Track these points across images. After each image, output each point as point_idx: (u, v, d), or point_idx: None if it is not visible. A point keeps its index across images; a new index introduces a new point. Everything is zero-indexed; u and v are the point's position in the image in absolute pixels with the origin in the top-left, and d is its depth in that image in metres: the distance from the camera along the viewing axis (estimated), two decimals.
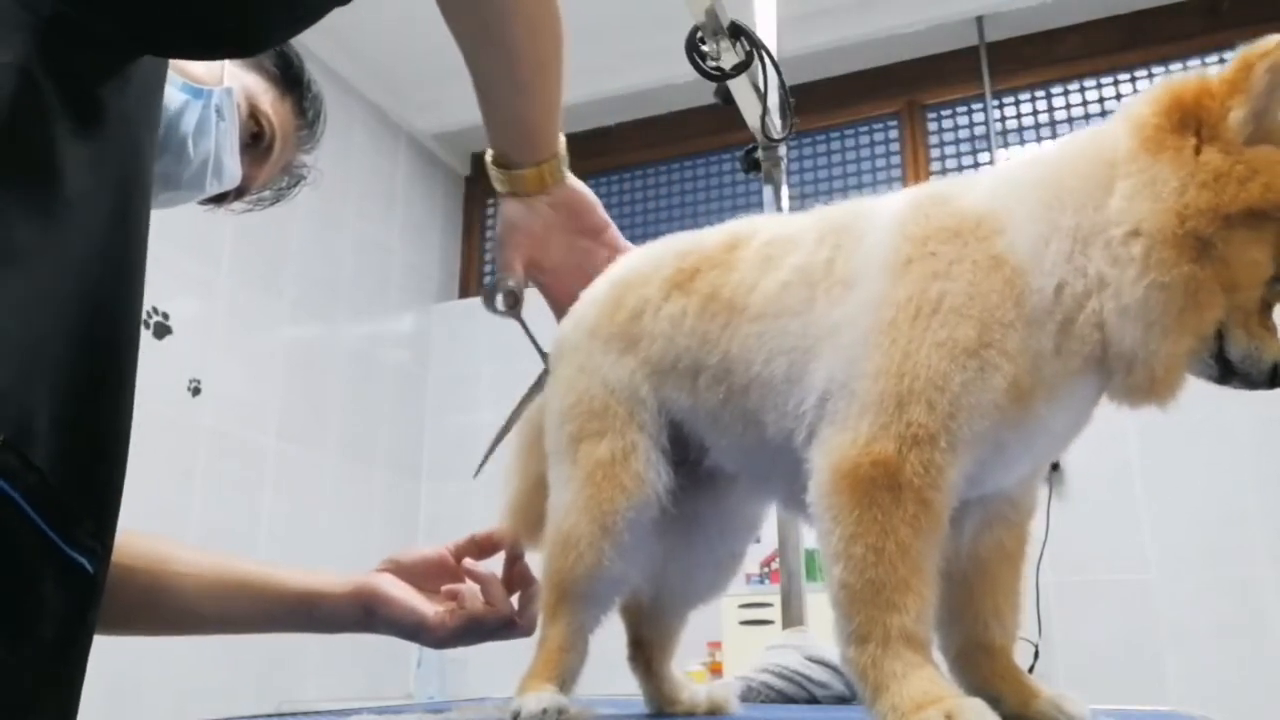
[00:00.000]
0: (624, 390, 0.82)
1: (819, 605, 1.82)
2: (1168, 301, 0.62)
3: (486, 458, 0.98)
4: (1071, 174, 0.67)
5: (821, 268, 0.72)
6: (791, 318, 0.72)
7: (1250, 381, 0.68)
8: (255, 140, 1.14)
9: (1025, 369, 0.64)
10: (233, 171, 1.13)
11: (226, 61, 1.09)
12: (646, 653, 0.92)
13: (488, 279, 0.86)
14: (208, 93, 1.06)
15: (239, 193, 1.23)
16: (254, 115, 1.13)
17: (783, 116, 1.71)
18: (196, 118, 1.06)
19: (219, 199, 1.22)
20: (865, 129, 3.63)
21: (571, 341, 0.88)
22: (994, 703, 0.64)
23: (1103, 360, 0.65)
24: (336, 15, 0.69)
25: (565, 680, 0.81)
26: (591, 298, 0.89)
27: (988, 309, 0.64)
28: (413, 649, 3.33)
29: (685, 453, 0.83)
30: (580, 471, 0.81)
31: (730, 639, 2.63)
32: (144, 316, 2.63)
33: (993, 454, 0.67)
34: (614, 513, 0.79)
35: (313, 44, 3.37)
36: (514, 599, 0.99)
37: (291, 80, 1.17)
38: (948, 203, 0.69)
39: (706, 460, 0.83)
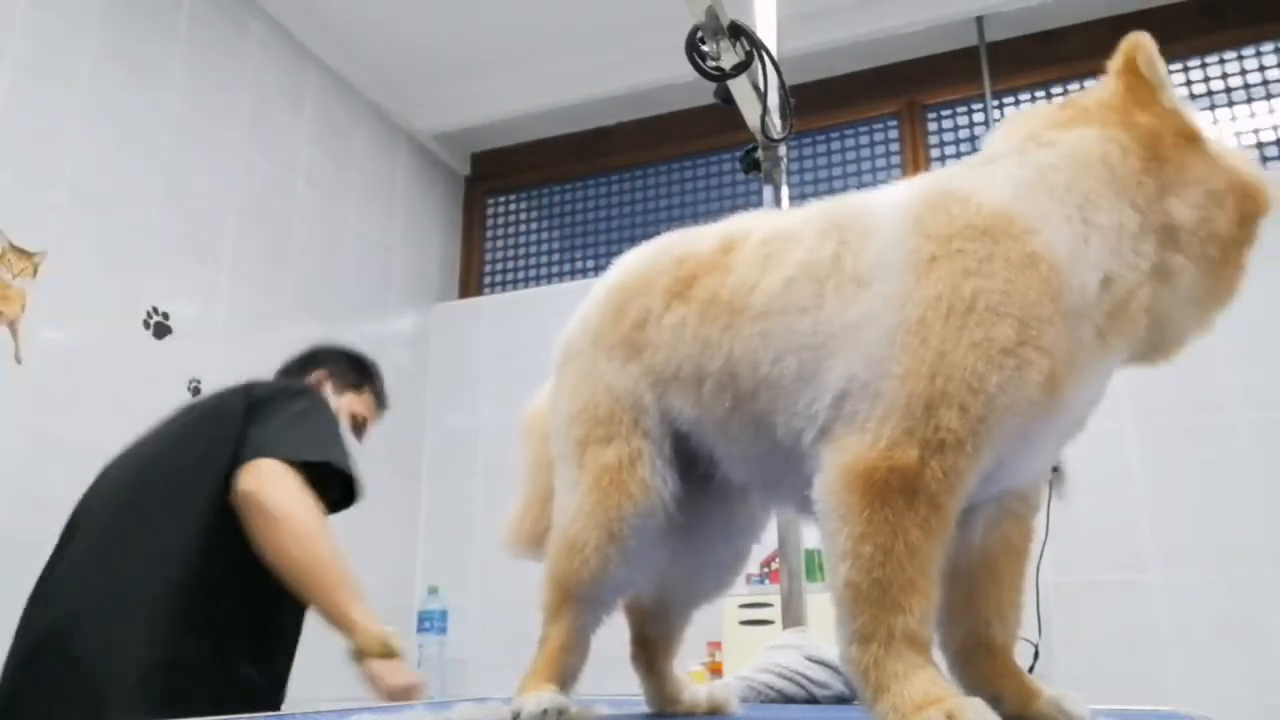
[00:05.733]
0: (628, 398, 0.82)
1: (819, 605, 1.81)
2: (1226, 293, 0.72)
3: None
4: (1100, 178, 0.69)
5: (828, 264, 0.71)
6: (798, 315, 0.71)
7: None
8: (356, 428, 1.93)
9: (1061, 361, 0.64)
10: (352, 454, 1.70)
11: (332, 394, 1.88)
12: (650, 652, 0.92)
13: None
14: None
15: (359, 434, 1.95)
16: (355, 418, 1.93)
17: (783, 116, 1.71)
18: None
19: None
20: (865, 129, 3.62)
21: (576, 347, 0.88)
22: (995, 702, 0.64)
23: (1136, 339, 0.69)
24: (337, 15, 0.69)
25: (566, 679, 0.81)
26: (594, 303, 0.89)
27: (1026, 306, 0.64)
28: (413, 649, 3.33)
29: (695, 466, 0.82)
30: (587, 476, 0.81)
31: (730, 639, 2.63)
32: (144, 316, 2.63)
33: (1021, 448, 0.68)
34: (620, 519, 0.79)
35: (313, 44, 3.37)
36: None
37: (380, 392, 2.05)
38: (968, 200, 0.68)
39: (718, 474, 0.82)
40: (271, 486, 1.46)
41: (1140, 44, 0.75)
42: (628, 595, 0.88)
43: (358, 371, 1.97)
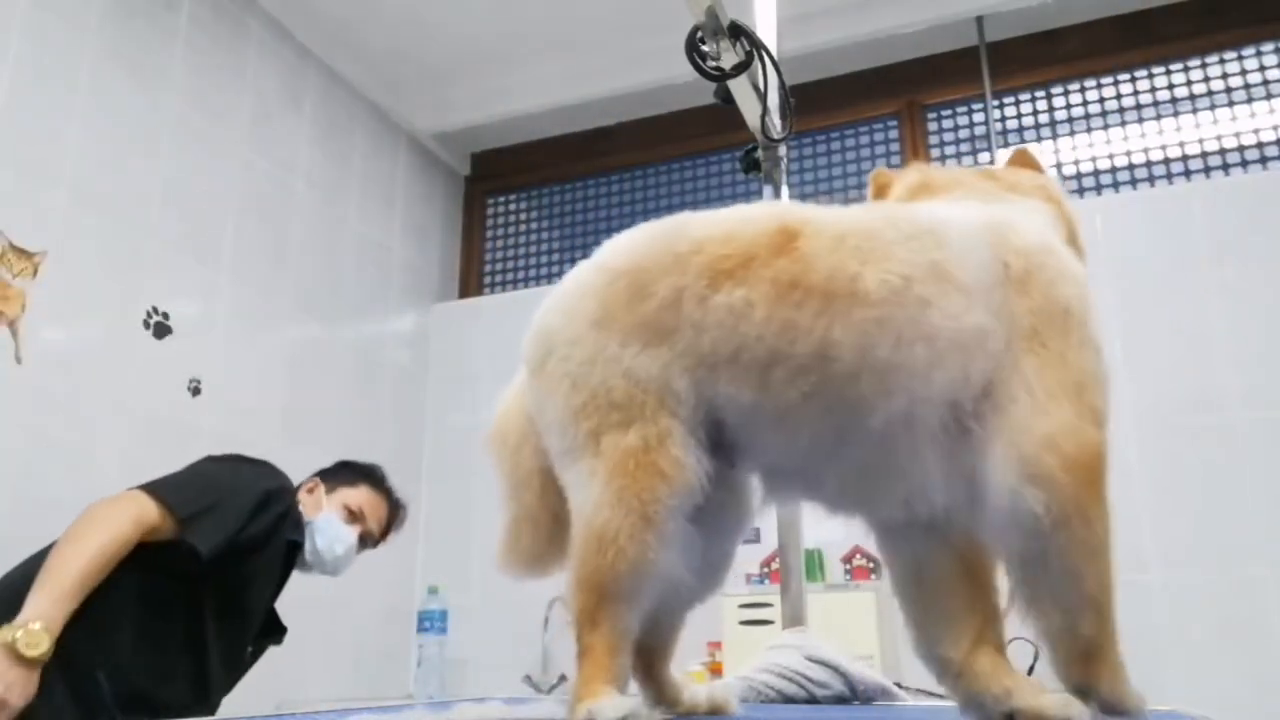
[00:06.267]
0: (653, 383, 0.77)
1: (819, 605, 1.81)
2: None
3: None
4: (1058, 233, 0.88)
5: (937, 267, 0.76)
6: (922, 307, 0.74)
7: None
8: (354, 517, 2.04)
9: None
10: (348, 541, 2.01)
11: (324, 495, 2.04)
12: (646, 659, 0.89)
13: None
14: (309, 520, 1.98)
15: (367, 541, 2.08)
16: (349, 510, 2.04)
17: (783, 116, 1.71)
18: (310, 535, 1.97)
19: (363, 547, 2.08)
20: (865, 129, 3.62)
21: (567, 335, 0.82)
22: (1007, 696, 0.72)
23: None
24: (337, 15, 0.69)
25: (621, 683, 0.75)
26: (583, 289, 0.83)
27: (1091, 309, 0.76)
28: (413, 649, 3.33)
29: (716, 457, 0.80)
30: (608, 462, 0.76)
31: (730, 639, 2.63)
32: (144, 316, 2.63)
33: None
34: (655, 501, 0.74)
35: (313, 44, 3.37)
36: None
37: (381, 488, 2.11)
38: (1021, 226, 0.80)
39: (741, 465, 0.81)
40: (103, 500, 1.64)
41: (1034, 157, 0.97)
42: (667, 590, 0.81)
43: (351, 470, 2.12)
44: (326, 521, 1.99)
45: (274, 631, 2.01)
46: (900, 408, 0.73)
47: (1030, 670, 1.10)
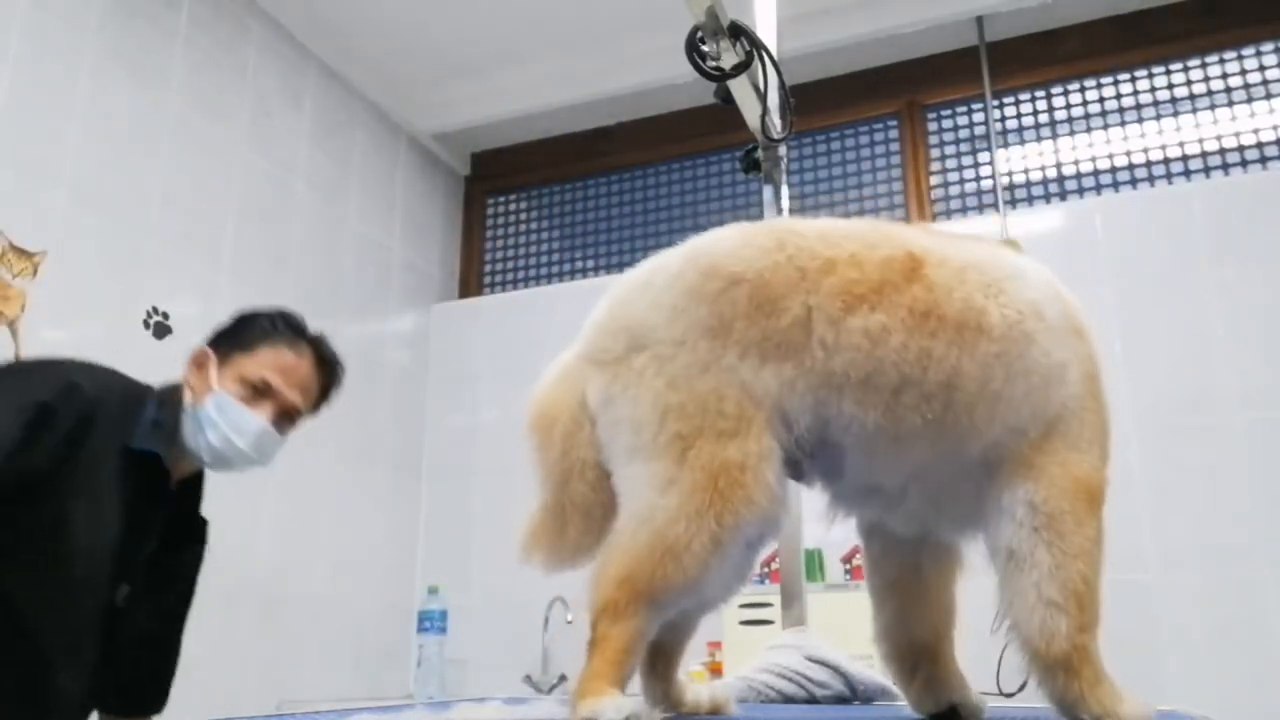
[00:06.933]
0: (768, 399, 0.76)
1: (819, 605, 1.81)
2: None
3: None
4: None
5: (1034, 306, 0.82)
6: (1028, 343, 0.80)
7: None
8: (259, 393, 1.58)
9: None
10: (253, 429, 1.55)
11: (215, 370, 1.57)
12: (663, 658, 0.90)
13: None
14: (194, 410, 1.54)
15: (293, 416, 1.65)
16: (250, 384, 1.57)
17: (783, 116, 1.71)
18: (199, 429, 1.53)
19: (290, 424, 1.65)
20: (865, 129, 3.62)
21: (667, 334, 0.79)
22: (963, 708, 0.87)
23: None
24: (337, 15, 0.69)
25: (624, 684, 0.76)
26: (686, 289, 0.80)
27: None
28: (413, 649, 3.33)
29: (798, 475, 0.83)
30: (694, 473, 0.74)
31: (730, 639, 2.63)
32: (144, 316, 2.63)
33: None
34: (735, 527, 0.74)
35: (314, 45, 3.37)
36: None
37: (296, 343, 1.70)
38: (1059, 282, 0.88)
39: (827, 484, 0.86)
40: None
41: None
42: (699, 602, 0.81)
43: (247, 327, 1.65)
44: (217, 407, 1.53)
45: (185, 541, 1.64)
46: (995, 436, 0.78)
47: (1022, 688, 1.15)
